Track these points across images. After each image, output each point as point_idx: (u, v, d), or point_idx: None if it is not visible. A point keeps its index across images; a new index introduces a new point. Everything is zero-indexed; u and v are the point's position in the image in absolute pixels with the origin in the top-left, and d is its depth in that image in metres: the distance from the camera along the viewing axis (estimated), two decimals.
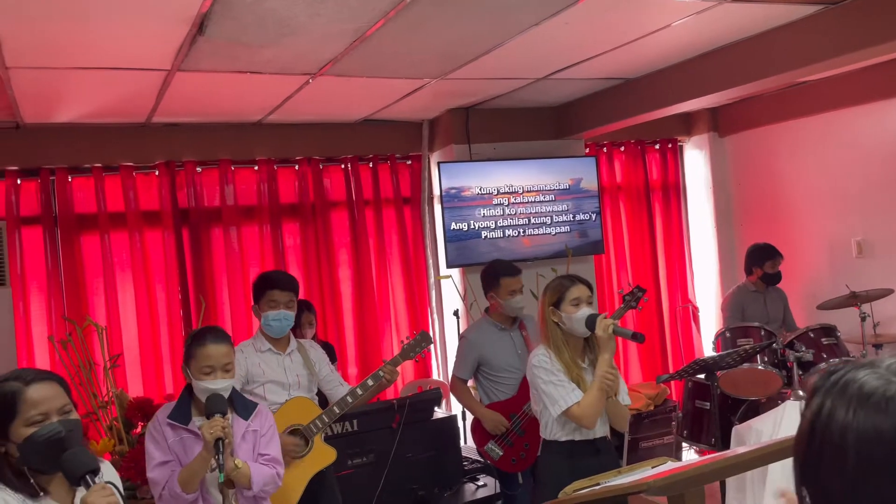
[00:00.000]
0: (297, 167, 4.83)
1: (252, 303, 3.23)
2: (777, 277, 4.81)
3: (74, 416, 1.71)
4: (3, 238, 3.56)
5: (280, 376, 3.13)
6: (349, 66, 3.48)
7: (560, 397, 2.57)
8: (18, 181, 4.20)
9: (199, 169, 4.56)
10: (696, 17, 3.24)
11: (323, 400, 3.29)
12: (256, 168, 4.71)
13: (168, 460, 2.36)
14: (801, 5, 3.22)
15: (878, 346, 4.42)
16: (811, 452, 0.84)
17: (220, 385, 2.38)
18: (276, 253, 4.69)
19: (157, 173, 4.49)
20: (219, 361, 2.39)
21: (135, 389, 4.24)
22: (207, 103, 4.04)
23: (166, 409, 2.47)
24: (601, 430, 2.69)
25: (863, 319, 4.30)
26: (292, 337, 3.23)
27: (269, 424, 2.59)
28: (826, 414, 0.83)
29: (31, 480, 1.63)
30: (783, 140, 5.38)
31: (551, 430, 2.67)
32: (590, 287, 2.72)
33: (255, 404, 2.59)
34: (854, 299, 4.31)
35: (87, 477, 1.61)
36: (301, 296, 4.43)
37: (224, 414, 2.31)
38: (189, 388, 2.47)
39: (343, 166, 4.96)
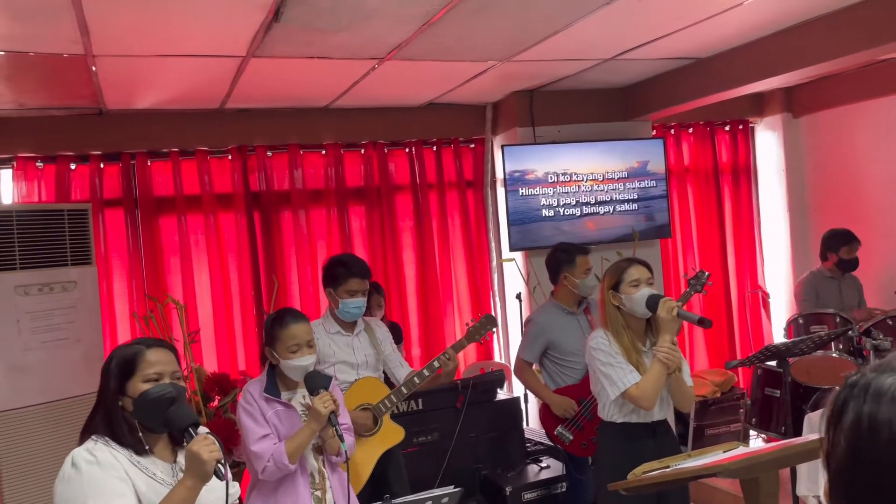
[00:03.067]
0: (362, 151, 4.91)
1: (322, 285, 3.31)
2: (854, 264, 4.64)
3: (183, 383, 1.86)
4: (89, 219, 3.75)
5: (349, 356, 3.22)
6: (416, 50, 3.51)
7: (618, 378, 2.59)
8: (101, 165, 4.40)
9: (269, 153, 4.69)
10: None
11: (386, 379, 3.37)
12: (324, 152, 4.81)
13: (269, 433, 2.47)
14: None
15: None
16: (859, 464, 0.79)
17: (308, 361, 2.50)
18: (343, 235, 4.80)
19: (230, 157, 4.64)
20: (303, 339, 2.50)
21: (209, 364, 4.41)
22: (278, 89, 4.15)
23: (256, 384, 2.57)
24: (660, 414, 2.68)
25: None
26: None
27: (341, 397, 2.72)
28: (868, 421, 0.79)
29: (140, 434, 1.78)
30: (862, 121, 5.16)
31: (609, 412, 2.69)
32: (649, 269, 2.69)
33: (330, 377, 2.69)
34: None
35: (191, 429, 1.75)
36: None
37: (327, 388, 2.43)
38: (271, 366, 2.58)
39: (407, 150, 5.01)
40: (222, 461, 1.71)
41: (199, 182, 4.54)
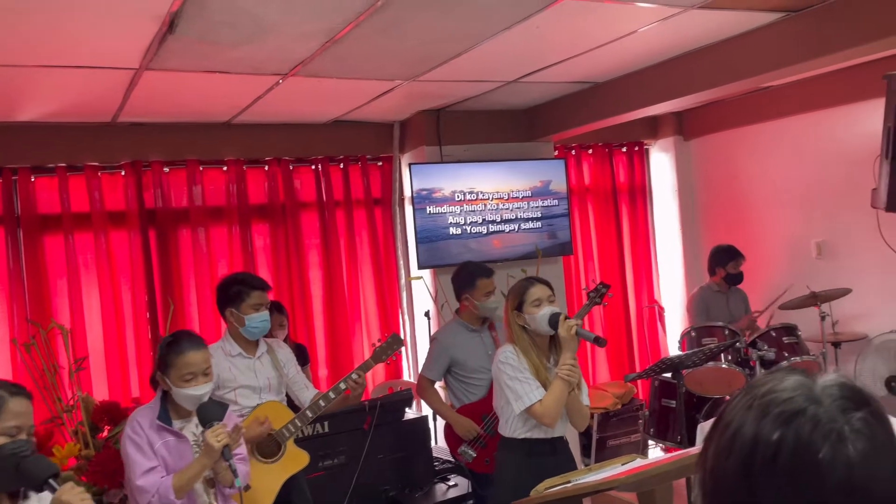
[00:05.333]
0: (266, 168, 4.79)
1: (219, 309, 3.19)
2: (739, 277, 4.93)
3: (33, 439, 1.73)
4: None
5: (251, 380, 3.12)
6: (320, 66, 3.47)
7: (524, 393, 2.64)
8: None
9: (166, 169, 4.50)
10: (662, 23, 3.31)
11: (290, 401, 3.28)
12: (225, 169, 4.67)
13: (156, 466, 2.35)
14: (763, 13, 3.31)
15: (836, 345, 4.56)
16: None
17: (203, 390, 2.40)
18: (246, 254, 4.65)
19: (122, 173, 4.42)
20: (199, 367, 2.41)
21: (100, 393, 4.16)
22: (175, 103, 3.99)
23: (146, 412, 2.45)
24: (560, 430, 2.76)
25: (822, 319, 4.43)
26: (261, 339, 3.21)
27: (236, 425, 2.61)
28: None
29: None
30: (746, 143, 5.51)
31: (513, 427, 2.72)
32: (550, 287, 2.76)
33: (226, 405, 2.59)
34: (814, 299, 4.43)
35: (51, 480, 1.63)
36: (271, 297, 4.42)
37: (220, 419, 2.33)
38: (165, 392, 2.46)
39: (313, 167, 4.94)
40: None
41: (88, 199, 4.29)
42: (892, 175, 3.73)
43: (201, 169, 4.59)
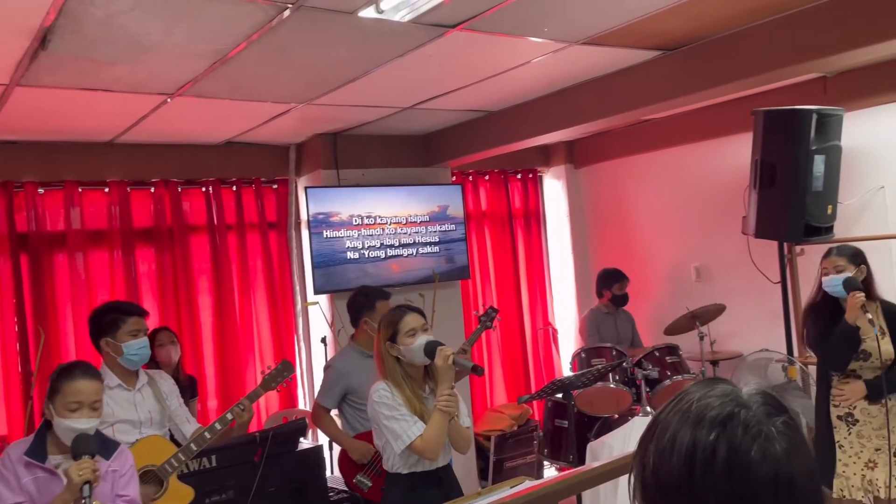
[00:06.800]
0: (153, 190, 4.60)
1: (92, 340, 3.01)
2: (625, 299, 5.15)
3: None
4: None
5: (131, 414, 2.95)
6: (210, 87, 3.38)
7: (403, 432, 2.55)
8: None
9: (41, 190, 4.23)
10: (552, 55, 3.44)
11: (171, 436, 3.13)
12: (107, 190, 4.44)
13: (20, 501, 2.21)
14: (640, 50, 3.52)
15: (714, 363, 4.83)
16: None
17: (87, 424, 2.27)
18: (129, 280, 4.42)
19: None
20: (88, 398, 2.28)
21: None
22: (51, 121, 3.77)
23: (19, 445, 2.31)
24: (444, 460, 2.69)
25: (701, 338, 4.68)
26: (141, 369, 3.06)
27: (130, 465, 2.50)
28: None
29: None
30: (631, 172, 5.80)
31: (394, 464, 2.65)
32: (423, 315, 2.70)
33: (118, 444, 2.47)
34: (693, 319, 4.68)
35: None
36: (157, 324, 4.23)
37: (93, 455, 2.21)
38: (47, 424, 2.33)
39: (204, 189, 4.78)
40: None
41: None
42: (759, 204, 4.03)
43: (80, 190, 4.34)
